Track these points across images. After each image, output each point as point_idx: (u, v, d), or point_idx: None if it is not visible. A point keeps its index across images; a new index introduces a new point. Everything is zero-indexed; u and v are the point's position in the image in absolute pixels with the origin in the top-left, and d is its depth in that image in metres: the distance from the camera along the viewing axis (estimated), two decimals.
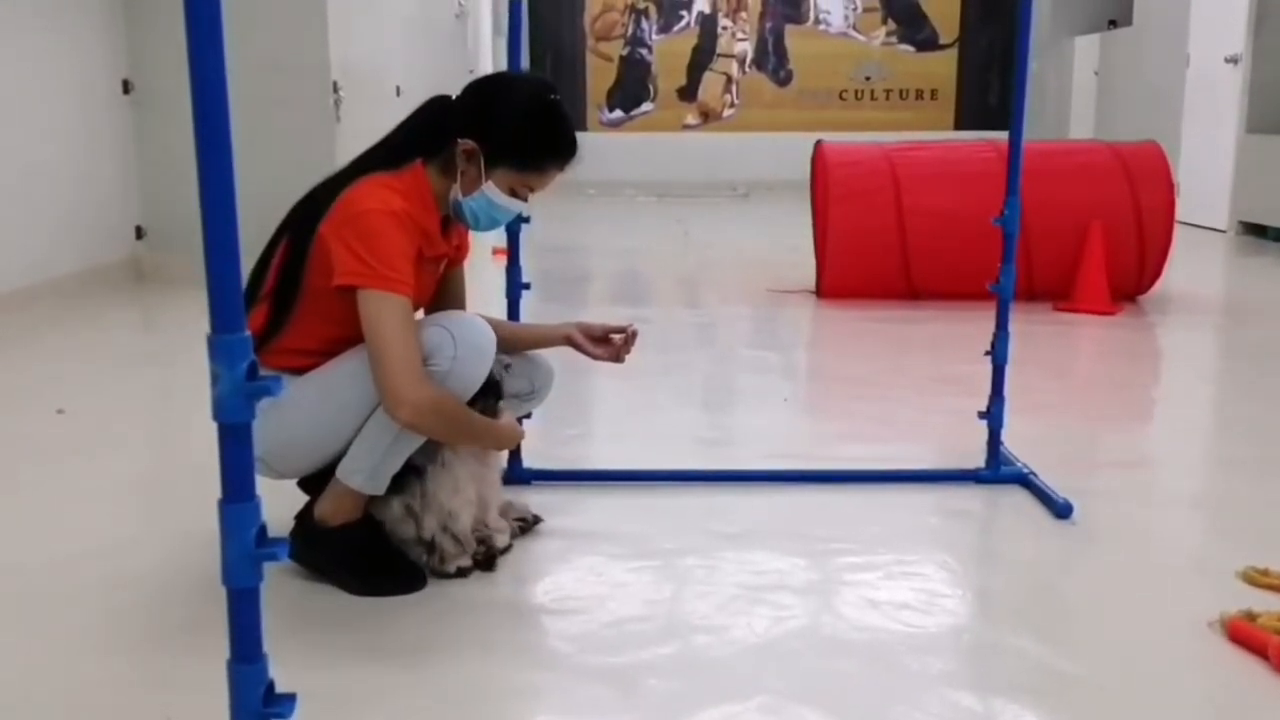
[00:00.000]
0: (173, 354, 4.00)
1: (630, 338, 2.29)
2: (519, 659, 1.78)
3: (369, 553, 2.01)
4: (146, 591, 2.00)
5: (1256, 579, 2.01)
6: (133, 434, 3.04)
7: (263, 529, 1.06)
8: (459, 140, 1.96)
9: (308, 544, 2.00)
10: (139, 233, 5.51)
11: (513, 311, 2.50)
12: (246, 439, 1.02)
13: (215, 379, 0.99)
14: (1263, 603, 1.88)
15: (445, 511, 1.99)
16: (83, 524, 2.33)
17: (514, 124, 1.98)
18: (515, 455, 2.54)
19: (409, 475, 1.98)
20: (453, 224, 2.08)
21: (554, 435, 2.93)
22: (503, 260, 2.57)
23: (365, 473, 1.95)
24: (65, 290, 4.86)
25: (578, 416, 3.27)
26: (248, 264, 1.39)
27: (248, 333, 1.01)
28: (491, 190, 1.98)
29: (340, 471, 1.97)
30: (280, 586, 1.97)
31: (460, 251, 2.18)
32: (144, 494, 2.54)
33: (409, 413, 1.85)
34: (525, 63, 3.16)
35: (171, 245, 5.38)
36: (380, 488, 1.98)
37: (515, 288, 2.51)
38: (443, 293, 2.17)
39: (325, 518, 2.00)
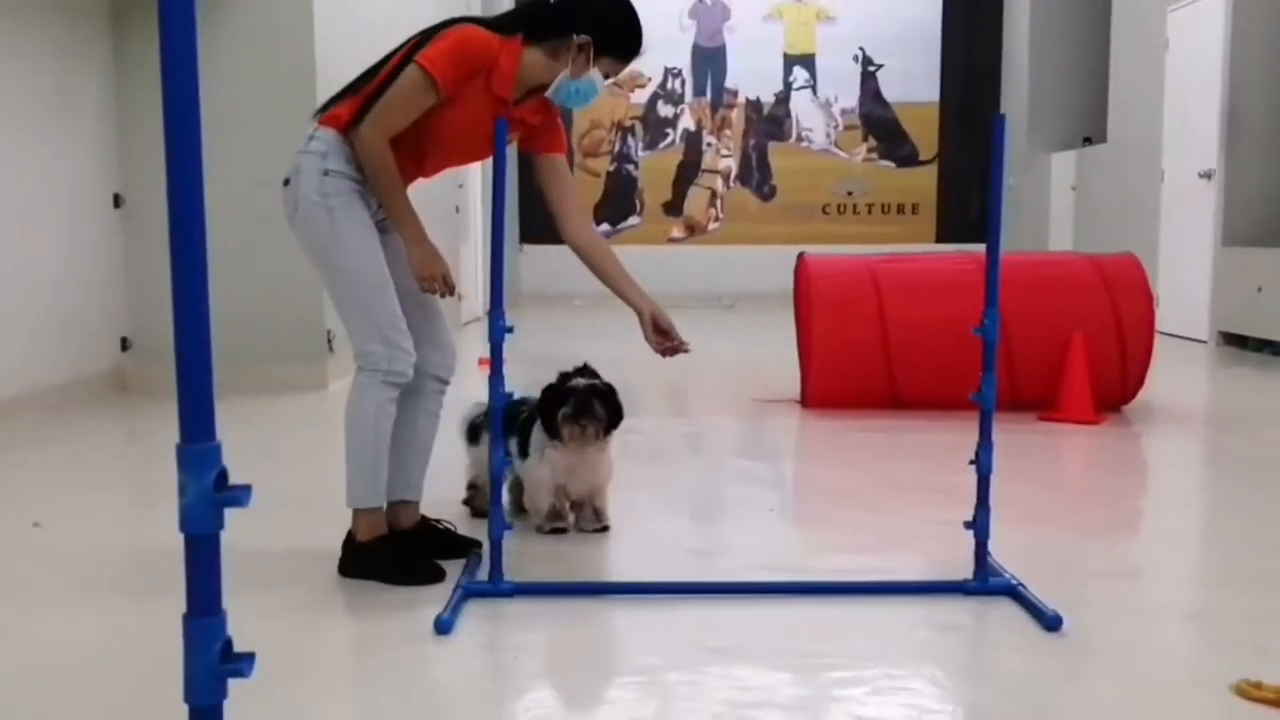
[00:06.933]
0: (154, 467, 3.96)
1: (681, 346, 2.74)
2: None
3: (396, 559, 2.60)
4: (119, 705, 1.94)
5: (1250, 692, 1.97)
6: (108, 547, 2.99)
7: (228, 644, 1.03)
8: (575, 35, 2.54)
9: (349, 560, 2.61)
10: (124, 344, 5.52)
11: (497, 418, 2.49)
12: (214, 551, 1.00)
13: (183, 489, 0.97)
14: (1255, 717, 1.85)
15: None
16: (51, 638, 2.27)
17: (616, 26, 2.60)
18: (496, 567, 2.50)
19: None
20: (530, 98, 2.61)
21: (539, 545, 2.89)
22: (486, 370, 2.56)
23: (366, 491, 2.57)
24: (49, 401, 4.84)
25: None
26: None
27: (218, 440, 0.99)
28: (597, 75, 2.59)
29: (350, 501, 2.59)
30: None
31: (550, 135, 2.73)
32: (117, 607, 2.49)
33: (362, 143, 2.48)
34: (512, 176, 3.86)
35: (157, 357, 5.38)
36: (383, 496, 2.61)
37: (498, 398, 2.49)
38: (551, 184, 2.75)
39: (357, 534, 2.61)
